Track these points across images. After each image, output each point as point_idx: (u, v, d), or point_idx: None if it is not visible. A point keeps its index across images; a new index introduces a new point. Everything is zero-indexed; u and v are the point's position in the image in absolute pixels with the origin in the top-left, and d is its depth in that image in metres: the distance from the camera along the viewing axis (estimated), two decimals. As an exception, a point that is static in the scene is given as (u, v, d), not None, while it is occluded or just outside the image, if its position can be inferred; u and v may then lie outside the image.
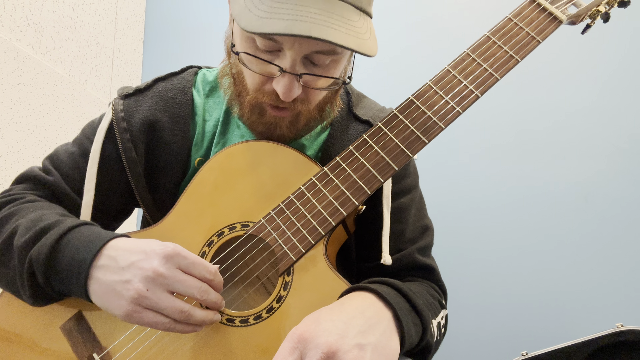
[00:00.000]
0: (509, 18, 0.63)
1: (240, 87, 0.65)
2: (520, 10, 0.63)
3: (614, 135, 1.41)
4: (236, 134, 0.72)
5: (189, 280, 0.52)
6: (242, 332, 0.57)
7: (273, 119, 0.64)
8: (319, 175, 0.62)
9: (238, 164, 0.64)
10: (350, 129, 0.72)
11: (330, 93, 0.67)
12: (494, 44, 0.62)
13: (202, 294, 0.52)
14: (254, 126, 0.68)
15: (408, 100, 0.62)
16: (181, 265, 0.52)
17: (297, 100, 0.61)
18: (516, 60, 0.60)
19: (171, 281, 0.51)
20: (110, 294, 0.52)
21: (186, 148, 0.70)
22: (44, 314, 0.59)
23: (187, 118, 0.69)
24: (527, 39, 0.61)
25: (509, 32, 0.62)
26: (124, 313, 0.51)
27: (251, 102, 0.63)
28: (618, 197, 1.37)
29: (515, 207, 1.45)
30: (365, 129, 0.71)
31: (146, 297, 0.50)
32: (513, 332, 1.37)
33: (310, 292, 0.57)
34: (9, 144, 1.33)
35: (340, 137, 0.72)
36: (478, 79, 0.60)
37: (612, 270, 1.33)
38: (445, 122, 0.59)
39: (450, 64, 0.62)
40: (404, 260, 0.70)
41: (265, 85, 0.62)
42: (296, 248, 0.59)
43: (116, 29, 1.82)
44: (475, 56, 0.61)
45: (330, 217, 0.59)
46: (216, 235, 0.62)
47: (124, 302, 0.51)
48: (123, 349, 0.57)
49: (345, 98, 0.76)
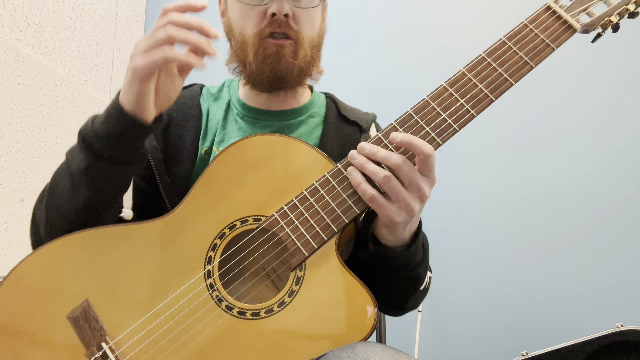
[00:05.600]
0: (525, 24, 0.63)
1: (241, 48, 0.75)
2: (536, 16, 0.64)
3: (614, 135, 1.41)
4: (234, 127, 0.81)
5: (175, 13, 0.57)
6: (253, 325, 0.57)
7: (275, 49, 0.72)
8: (333, 172, 0.62)
9: (251, 157, 0.64)
10: (340, 129, 0.82)
11: (316, 41, 0.77)
12: (510, 49, 0.62)
13: (199, 25, 0.57)
14: (262, 68, 0.74)
15: (423, 101, 0.62)
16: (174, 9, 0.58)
17: (291, 21, 0.71)
18: (530, 66, 0.61)
19: (167, 16, 0.57)
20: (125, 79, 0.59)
21: (195, 141, 0.79)
22: (50, 303, 0.58)
23: (196, 117, 0.81)
24: (542, 46, 0.62)
25: (524, 38, 0.62)
26: (132, 67, 0.57)
27: (254, 43, 0.72)
28: (618, 197, 1.37)
29: (515, 206, 1.45)
30: (354, 130, 0.82)
31: (143, 40, 0.57)
32: (513, 332, 1.37)
33: (321, 288, 0.58)
34: (9, 144, 1.33)
35: (333, 135, 0.80)
36: (493, 83, 0.61)
37: (612, 270, 1.33)
38: (460, 125, 0.61)
39: (466, 67, 0.63)
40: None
41: (261, 21, 0.72)
42: (309, 244, 0.59)
43: (116, 29, 1.82)
44: (491, 60, 0.62)
45: (343, 215, 0.60)
46: (228, 227, 0.62)
47: (129, 65, 0.57)
48: (132, 339, 0.57)
49: (334, 104, 0.86)
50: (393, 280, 0.67)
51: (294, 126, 0.82)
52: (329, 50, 0.95)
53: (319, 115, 0.85)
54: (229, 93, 0.85)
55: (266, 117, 0.82)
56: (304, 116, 0.84)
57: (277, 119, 0.82)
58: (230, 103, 0.84)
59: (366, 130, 0.82)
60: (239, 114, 0.82)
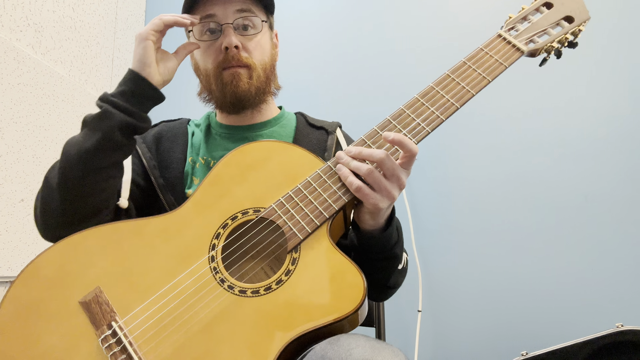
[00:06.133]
0: (480, 48, 0.79)
1: (206, 80, 0.89)
2: (489, 42, 0.80)
3: (614, 135, 1.41)
4: (215, 143, 0.94)
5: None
6: (253, 301, 0.62)
7: (232, 76, 0.85)
8: (324, 168, 0.72)
9: (251, 160, 0.74)
10: (310, 134, 0.94)
11: (269, 64, 0.91)
12: (469, 67, 0.77)
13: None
14: (224, 93, 0.87)
15: (399, 109, 0.75)
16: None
17: (241, 50, 0.85)
18: (487, 80, 0.76)
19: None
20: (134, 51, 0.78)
21: (184, 151, 0.93)
22: (63, 291, 0.63)
23: (183, 135, 0.96)
24: (496, 65, 0.77)
25: (480, 59, 0.78)
26: (136, 35, 0.77)
27: (215, 74, 0.87)
28: (618, 197, 1.37)
29: (515, 207, 1.45)
30: (321, 133, 0.94)
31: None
32: (513, 332, 1.37)
33: (315, 267, 0.64)
34: (9, 144, 1.33)
35: (304, 139, 0.93)
36: (457, 94, 0.75)
37: (612, 270, 1.33)
38: (432, 127, 0.73)
39: (434, 82, 0.76)
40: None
41: (218, 56, 0.86)
42: (303, 229, 0.67)
43: (116, 29, 1.82)
44: (454, 76, 0.76)
45: (333, 204, 0.69)
46: (230, 218, 0.69)
47: (135, 41, 0.77)
48: (139, 318, 0.62)
49: (303, 118, 1.00)
50: (375, 260, 0.76)
51: (267, 135, 0.94)
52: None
53: (289, 126, 0.97)
54: (209, 120, 1.00)
55: (240, 131, 0.94)
56: (275, 127, 0.95)
57: (251, 131, 0.94)
58: (209, 125, 0.98)
59: (332, 133, 0.94)
60: (217, 133, 0.96)
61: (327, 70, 1.75)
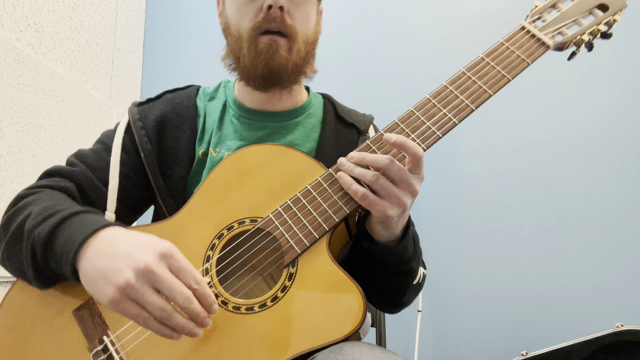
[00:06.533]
0: (501, 42, 0.71)
1: (236, 43, 0.75)
2: (511, 35, 0.71)
3: (614, 135, 1.41)
4: (230, 129, 0.81)
5: (175, 282, 0.52)
6: (247, 319, 0.60)
7: (268, 45, 0.72)
8: (325, 176, 0.66)
9: (250, 164, 0.69)
10: (339, 132, 0.82)
11: (311, 39, 0.78)
12: (487, 64, 0.69)
13: (185, 300, 0.52)
14: (255, 63, 0.74)
15: (409, 111, 0.68)
16: (172, 267, 0.54)
17: (285, 13, 0.72)
18: (507, 79, 0.68)
19: (159, 279, 0.52)
20: (100, 278, 0.53)
21: (192, 143, 0.79)
22: (57, 300, 0.62)
23: (192, 118, 0.80)
24: (518, 61, 0.69)
25: (501, 54, 0.70)
26: (109, 299, 0.52)
27: (249, 37, 0.73)
28: (618, 197, 1.37)
29: (515, 207, 1.45)
30: (352, 132, 0.82)
31: (133, 288, 0.51)
32: (513, 332, 1.37)
33: (312, 283, 0.61)
34: (9, 144, 1.33)
35: (331, 138, 0.81)
36: (473, 94, 0.67)
37: (612, 270, 1.33)
38: (443, 132, 0.66)
39: (448, 81, 0.69)
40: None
41: (257, 15, 0.73)
42: (301, 242, 0.63)
43: (116, 29, 1.82)
44: (471, 74, 0.69)
45: (334, 215, 0.64)
46: (226, 228, 0.66)
47: (111, 288, 0.51)
48: (131, 333, 0.59)
49: (331, 106, 0.87)
50: (389, 274, 0.69)
51: (291, 127, 0.82)
52: (326, 50, 0.95)
53: (316, 116, 0.84)
54: (225, 94, 0.85)
55: (262, 118, 0.82)
56: (300, 117, 0.83)
57: (273, 120, 0.82)
58: (226, 103, 0.84)
59: (364, 133, 0.83)
60: (235, 115, 0.82)
61: (332, 71, 1.75)
